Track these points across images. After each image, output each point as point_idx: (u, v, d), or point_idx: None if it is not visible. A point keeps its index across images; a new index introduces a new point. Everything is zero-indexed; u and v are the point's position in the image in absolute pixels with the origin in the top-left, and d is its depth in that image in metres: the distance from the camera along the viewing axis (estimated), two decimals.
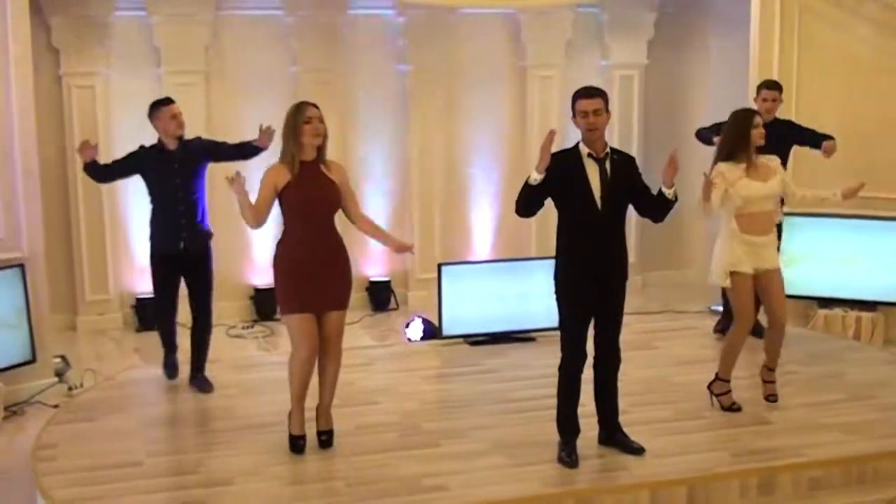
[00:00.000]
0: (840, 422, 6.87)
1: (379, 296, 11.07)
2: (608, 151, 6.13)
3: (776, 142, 7.46)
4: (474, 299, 8.77)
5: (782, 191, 7.10)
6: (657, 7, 11.48)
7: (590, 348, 6.26)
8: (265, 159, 6.43)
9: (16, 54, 8.02)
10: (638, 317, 9.65)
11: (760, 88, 8.57)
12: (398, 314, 10.81)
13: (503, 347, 8.63)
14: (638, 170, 6.31)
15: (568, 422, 6.28)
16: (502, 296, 8.81)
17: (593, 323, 6.26)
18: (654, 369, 7.98)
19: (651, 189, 6.30)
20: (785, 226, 8.12)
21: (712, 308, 9.05)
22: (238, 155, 7.65)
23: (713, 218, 7.18)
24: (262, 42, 10.58)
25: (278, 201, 6.23)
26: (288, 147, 6.18)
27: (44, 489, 5.94)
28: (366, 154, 10.88)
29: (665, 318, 10.02)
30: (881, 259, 9.37)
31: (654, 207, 6.26)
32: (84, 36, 10.06)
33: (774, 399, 7.17)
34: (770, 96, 8.46)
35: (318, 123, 6.15)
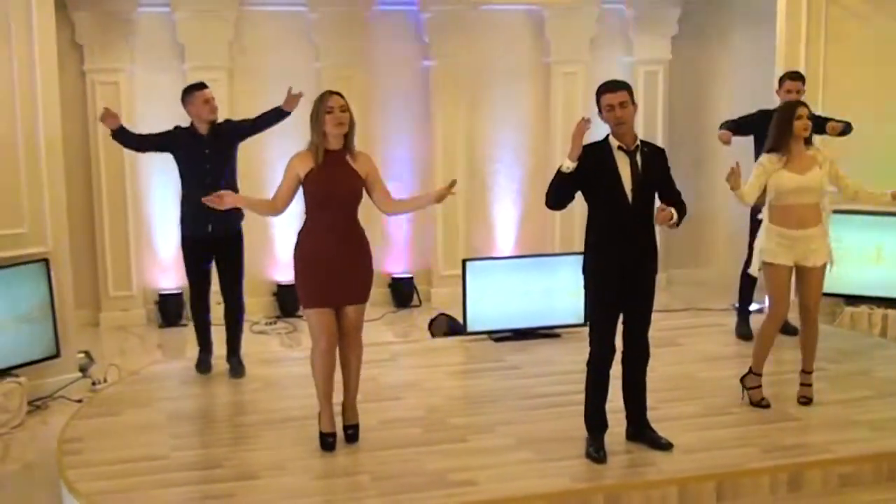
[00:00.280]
0: (869, 419, 6.80)
1: (402, 292, 11.04)
2: (639, 144, 6.08)
3: None
4: (499, 295, 8.72)
5: (832, 184, 7.01)
6: (681, 3, 11.42)
7: (618, 344, 6.22)
8: (293, 147, 6.39)
9: (41, 51, 8.02)
10: (662, 314, 9.57)
11: (783, 80, 8.44)
12: (421, 311, 10.77)
13: (528, 344, 8.58)
14: (667, 163, 6.26)
15: (596, 417, 6.23)
16: (527, 292, 8.76)
17: (622, 317, 6.21)
18: (680, 366, 7.92)
19: (676, 186, 6.25)
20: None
21: (735, 306, 8.98)
22: (264, 123, 7.71)
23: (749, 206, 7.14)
24: (286, 38, 10.57)
25: (302, 190, 6.22)
26: (312, 136, 6.18)
27: (69, 482, 5.93)
28: (389, 150, 10.85)
29: (689, 316, 9.96)
30: None
31: (673, 206, 6.17)
32: (108, 32, 10.07)
33: (806, 402, 7.07)
34: (794, 87, 8.35)
35: (340, 113, 6.12)
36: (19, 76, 7.93)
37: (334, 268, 6.19)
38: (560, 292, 8.67)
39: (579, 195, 6.13)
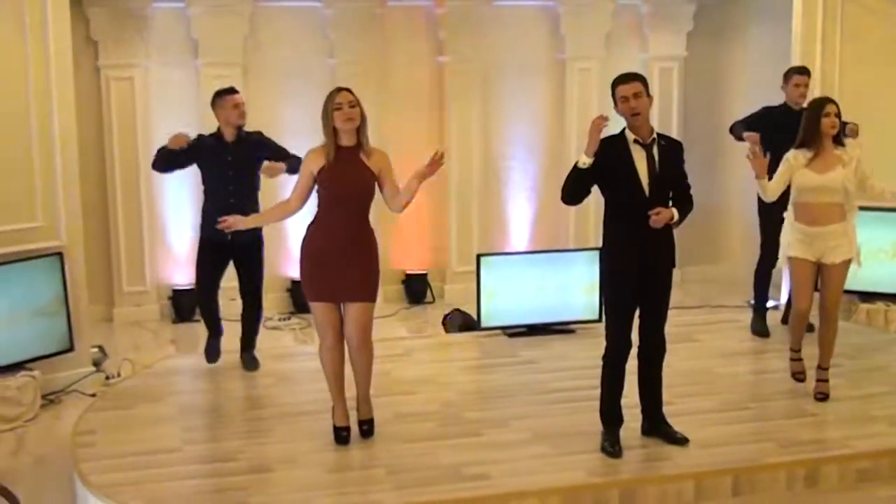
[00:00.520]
0: (887, 414, 6.76)
1: (415, 289, 11.01)
2: (655, 137, 6.04)
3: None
4: (513, 291, 8.70)
5: (856, 184, 6.96)
6: None
7: (634, 339, 6.18)
8: (309, 145, 6.37)
9: (55, 46, 8.01)
10: (677, 311, 9.52)
11: (791, 74, 8.37)
12: (434, 307, 10.73)
13: (542, 339, 8.54)
14: (682, 157, 6.21)
15: (611, 411, 6.20)
16: (541, 287, 8.72)
17: (638, 312, 6.18)
18: (697, 361, 7.88)
19: (687, 180, 6.22)
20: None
21: (750, 303, 8.94)
22: (287, 167, 7.47)
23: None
24: (300, 33, 10.55)
25: (316, 186, 6.21)
26: (326, 136, 6.16)
27: (82, 474, 5.92)
28: (403, 146, 10.75)
29: (704, 312, 9.90)
30: None
31: (678, 202, 6.13)
32: (122, 28, 10.07)
33: (823, 398, 7.02)
34: (802, 81, 8.31)
35: (349, 109, 6.08)
36: (34, 71, 7.91)
37: (338, 264, 6.15)
38: (574, 288, 8.65)
39: (595, 190, 6.11)
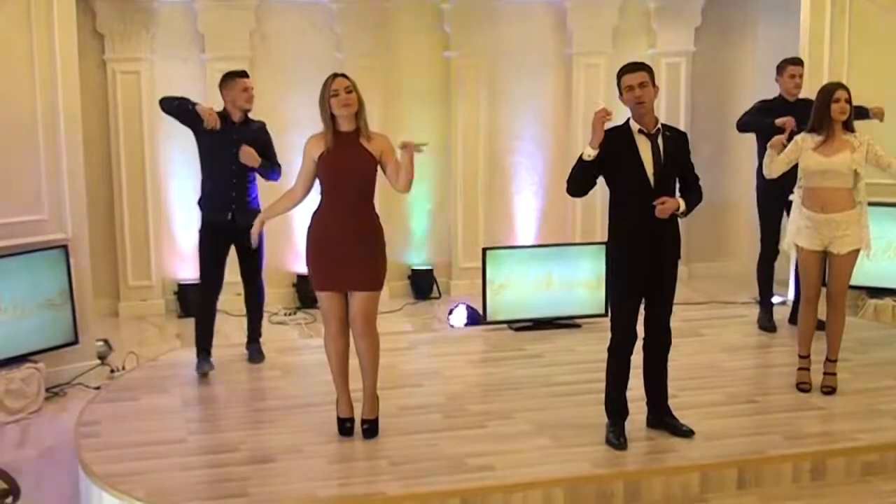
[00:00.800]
0: (893, 408, 6.73)
1: (421, 284, 10.97)
2: (660, 127, 6.02)
3: (805, 122, 7.30)
4: (519, 285, 8.68)
5: (875, 166, 6.96)
6: None
7: (640, 331, 6.16)
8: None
9: (61, 38, 7.99)
10: (684, 306, 9.51)
11: (786, 65, 8.35)
12: (440, 303, 10.70)
13: (548, 333, 8.51)
14: (688, 147, 6.19)
15: (616, 403, 6.18)
16: (547, 281, 8.70)
17: (644, 304, 6.16)
18: (703, 355, 7.86)
19: (694, 171, 6.21)
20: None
21: (757, 299, 8.90)
22: (263, 165, 7.53)
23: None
24: (307, 27, 10.52)
25: (318, 173, 6.20)
26: (324, 123, 6.15)
27: (86, 464, 5.91)
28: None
29: (711, 308, 9.86)
30: None
31: (685, 193, 6.11)
32: (129, 21, 10.04)
33: (830, 391, 7.00)
34: (797, 72, 8.31)
35: (345, 94, 6.07)
36: (39, 64, 7.90)
37: (342, 252, 6.13)
38: (581, 282, 8.63)
39: (601, 182, 6.09)
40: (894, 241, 9.28)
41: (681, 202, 5.96)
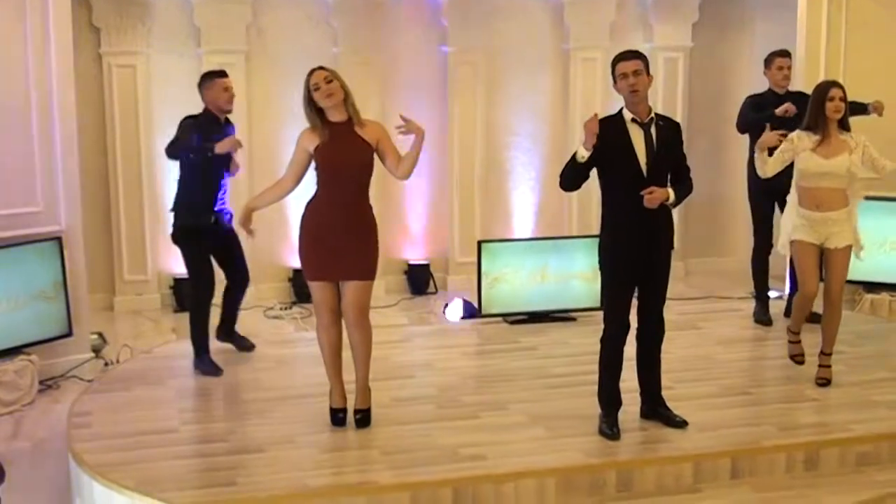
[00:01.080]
0: (888, 399, 6.71)
1: (418, 279, 10.96)
2: (653, 116, 5.99)
3: (800, 111, 7.24)
4: (514, 278, 8.67)
5: (871, 167, 6.94)
6: None
7: (633, 321, 6.14)
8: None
9: (56, 30, 7.99)
10: (680, 301, 9.52)
11: (774, 58, 8.34)
12: (437, 298, 10.68)
13: (543, 326, 8.50)
14: (681, 137, 6.16)
15: (609, 394, 6.15)
16: (543, 274, 8.68)
17: (637, 294, 6.13)
18: (698, 348, 7.84)
19: (686, 162, 6.17)
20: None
21: (753, 294, 8.89)
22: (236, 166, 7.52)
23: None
24: (303, 22, 10.51)
25: (314, 164, 6.17)
26: (309, 120, 6.13)
27: (77, 454, 5.88)
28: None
29: (707, 302, 9.85)
30: None
31: (676, 183, 6.06)
32: (125, 15, 10.03)
33: (825, 383, 6.98)
34: (785, 64, 8.30)
35: (326, 85, 6.04)
36: (34, 56, 7.89)
37: (336, 242, 6.12)
38: (576, 275, 8.61)
39: (596, 178, 6.06)
40: (890, 236, 9.26)
41: (670, 192, 5.92)
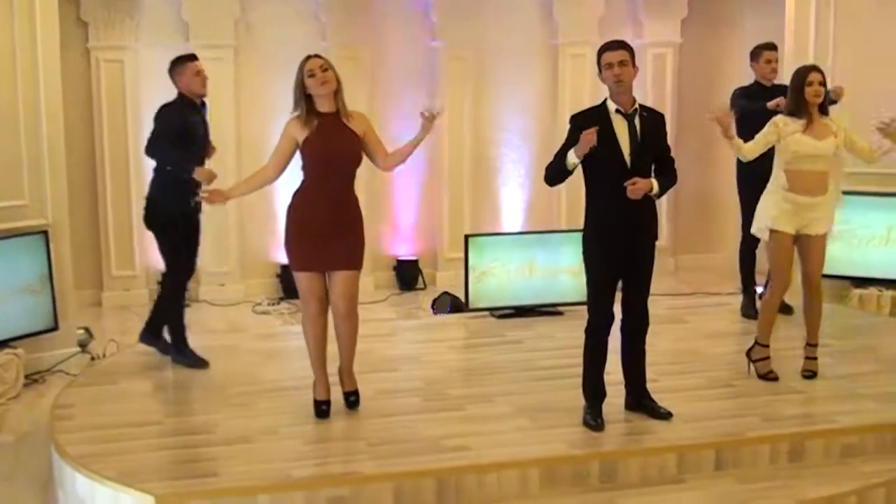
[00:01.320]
0: (874, 392, 6.68)
1: (407, 275, 10.97)
2: (637, 107, 5.97)
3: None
4: (501, 272, 8.65)
5: (850, 149, 6.94)
6: None
7: (617, 312, 6.13)
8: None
9: (43, 24, 7.99)
10: (669, 296, 9.52)
11: (761, 51, 8.34)
12: (426, 294, 10.67)
13: (530, 320, 8.49)
14: (665, 129, 6.14)
15: (593, 385, 6.13)
16: (530, 268, 8.67)
17: (622, 285, 6.12)
18: (685, 342, 7.82)
19: (670, 153, 6.16)
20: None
21: (741, 288, 8.89)
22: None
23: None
24: (292, 15, 10.51)
25: (300, 155, 6.14)
26: (297, 104, 6.10)
27: (59, 445, 5.84)
28: (395, 130, 10.66)
29: (696, 297, 9.85)
30: None
31: (659, 174, 6.04)
32: (113, 10, 10.03)
33: (810, 375, 6.96)
34: (773, 57, 8.31)
35: (321, 73, 6.03)
36: (21, 49, 7.89)
37: (324, 232, 6.10)
38: (563, 269, 8.60)
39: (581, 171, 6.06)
40: (880, 231, 9.26)
41: (654, 183, 5.90)
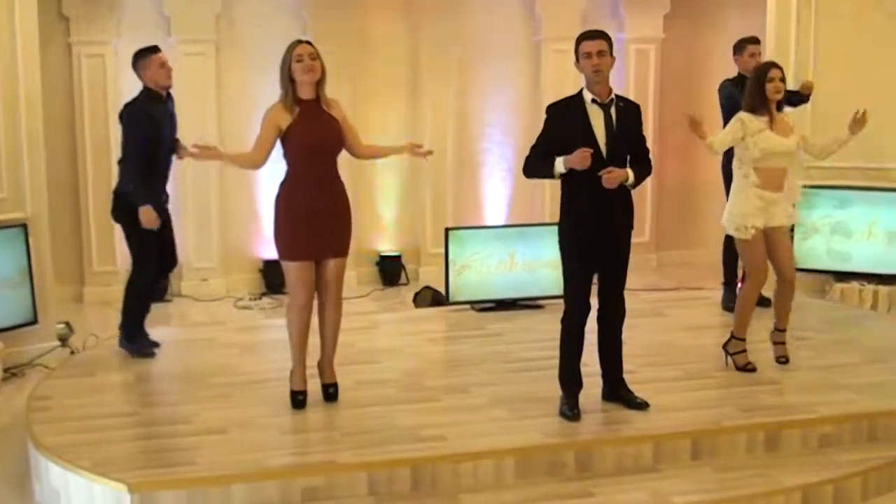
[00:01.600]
0: (852, 383, 6.70)
1: (390, 271, 10.95)
2: (613, 97, 5.97)
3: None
4: (482, 265, 8.65)
5: (803, 146, 6.94)
6: None
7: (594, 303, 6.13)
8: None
9: (22, 17, 7.98)
10: (650, 291, 9.53)
11: (745, 45, 8.33)
12: (409, 289, 10.65)
13: (510, 314, 8.50)
14: (641, 120, 6.15)
15: (570, 374, 6.13)
16: (510, 262, 8.67)
17: (598, 276, 6.12)
18: (664, 334, 7.85)
19: (645, 143, 6.18)
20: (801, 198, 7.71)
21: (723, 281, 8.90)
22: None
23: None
24: (274, 12, 10.49)
25: (281, 143, 6.13)
26: (283, 88, 6.10)
27: (35, 437, 5.83)
28: (378, 127, 10.74)
29: (677, 291, 9.85)
30: None
31: (635, 164, 6.03)
32: (94, 4, 10.02)
33: (785, 360, 6.99)
34: (757, 51, 8.32)
35: (310, 60, 6.05)
36: (0, 44, 7.88)
37: (315, 220, 6.11)
38: (543, 263, 8.59)
39: None
40: (860, 226, 9.29)
41: (629, 173, 5.90)
